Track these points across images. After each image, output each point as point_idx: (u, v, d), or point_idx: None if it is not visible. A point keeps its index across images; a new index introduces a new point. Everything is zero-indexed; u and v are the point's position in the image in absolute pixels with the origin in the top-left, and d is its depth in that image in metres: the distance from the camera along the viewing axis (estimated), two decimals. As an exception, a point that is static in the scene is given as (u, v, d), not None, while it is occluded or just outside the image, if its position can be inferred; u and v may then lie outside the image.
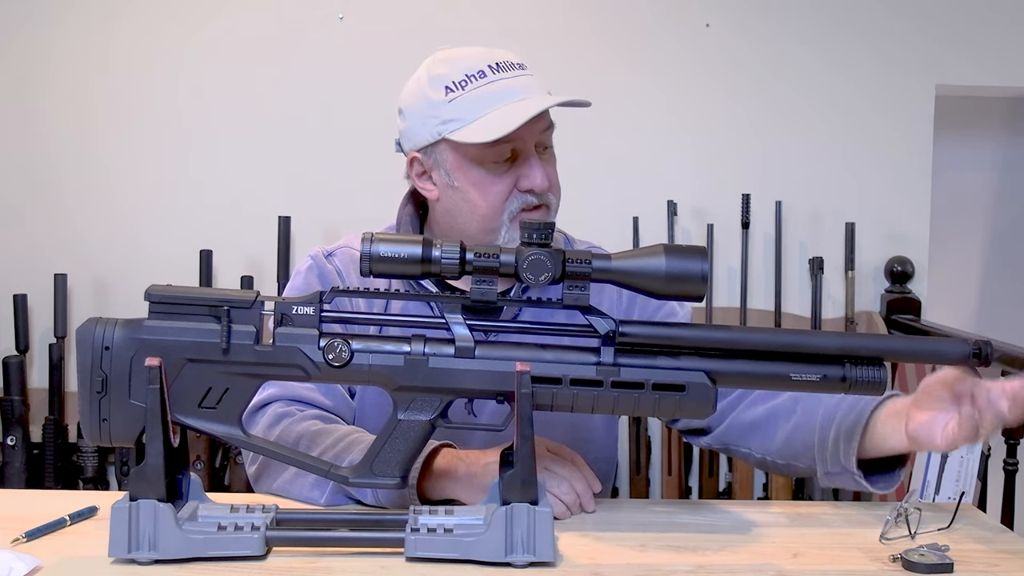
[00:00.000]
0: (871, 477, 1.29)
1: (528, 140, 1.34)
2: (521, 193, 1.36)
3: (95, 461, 2.81)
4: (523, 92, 1.33)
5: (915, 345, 1.19)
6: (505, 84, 1.33)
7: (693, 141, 3.03)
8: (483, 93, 1.32)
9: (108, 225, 2.96)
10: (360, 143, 2.91)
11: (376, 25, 2.97)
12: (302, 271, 1.46)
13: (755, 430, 1.39)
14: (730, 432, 1.42)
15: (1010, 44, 3.05)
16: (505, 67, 1.34)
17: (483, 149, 1.33)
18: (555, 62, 2.95)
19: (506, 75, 1.34)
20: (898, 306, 2.98)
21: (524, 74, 1.36)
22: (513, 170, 1.35)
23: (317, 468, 1.14)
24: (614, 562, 1.09)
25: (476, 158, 1.34)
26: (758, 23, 3.02)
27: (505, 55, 1.37)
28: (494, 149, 1.33)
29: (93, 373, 1.08)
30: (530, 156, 1.35)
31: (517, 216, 1.36)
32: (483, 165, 1.35)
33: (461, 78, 1.33)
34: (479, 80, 1.33)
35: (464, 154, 1.35)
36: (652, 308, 1.47)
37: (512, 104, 1.31)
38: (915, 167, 3.04)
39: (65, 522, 1.18)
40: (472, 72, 1.33)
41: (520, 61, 1.37)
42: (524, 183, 1.35)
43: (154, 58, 2.95)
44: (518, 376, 1.06)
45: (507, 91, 1.32)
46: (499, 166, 1.35)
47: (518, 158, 1.35)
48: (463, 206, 1.38)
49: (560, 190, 1.41)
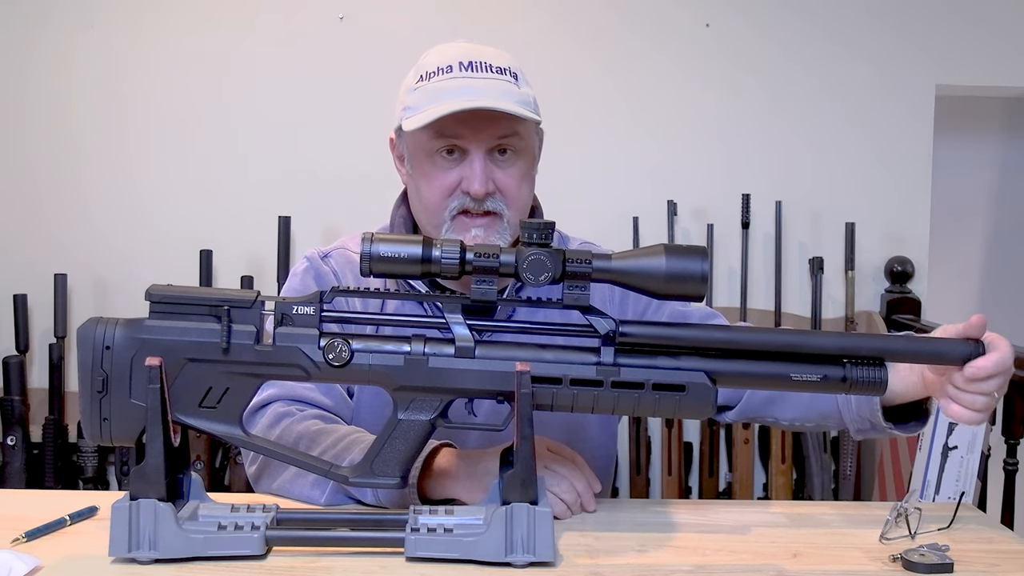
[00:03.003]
0: (900, 425, 1.31)
1: (477, 142, 1.33)
2: (462, 194, 1.35)
3: (95, 461, 2.82)
4: (477, 93, 1.31)
5: (915, 345, 1.18)
6: (466, 83, 1.32)
7: (693, 141, 3.03)
8: (440, 87, 1.32)
9: (108, 225, 2.97)
10: (360, 143, 2.91)
11: (376, 25, 2.97)
12: (298, 272, 1.46)
13: (774, 402, 1.41)
14: (750, 406, 1.43)
15: (1010, 44, 3.05)
16: (477, 67, 1.33)
17: (428, 140, 1.34)
18: (555, 62, 2.95)
19: (472, 74, 1.33)
20: (898, 306, 2.98)
21: (495, 78, 1.33)
22: (458, 169, 1.35)
23: (317, 468, 1.14)
24: (614, 562, 1.09)
25: (425, 149, 1.35)
26: (758, 23, 3.02)
27: (489, 57, 1.35)
28: (435, 142, 1.33)
29: (94, 373, 1.08)
30: (475, 159, 1.33)
31: (458, 216, 1.35)
32: (431, 157, 1.35)
33: (432, 70, 1.34)
34: (444, 74, 1.33)
35: (416, 142, 1.36)
36: (643, 305, 1.47)
37: (457, 100, 1.30)
38: (915, 167, 3.04)
39: (65, 522, 1.18)
40: (443, 66, 1.34)
41: (506, 66, 1.35)
42: (464, 184, 1.34)
43: (154, 59, 2.96)
44: (518, 376, 1.06)
45: (462, 89, 1.31)
46: (445, 161, 1.35)
47: (466, 158, 1.34)
48: (415, 195, 1.40)
49: (520, 199, 1.37)
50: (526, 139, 1.37)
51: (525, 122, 1.35)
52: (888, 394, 1.25)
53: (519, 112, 1.31)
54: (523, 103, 1.33)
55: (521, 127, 1.35)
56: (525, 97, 1.35)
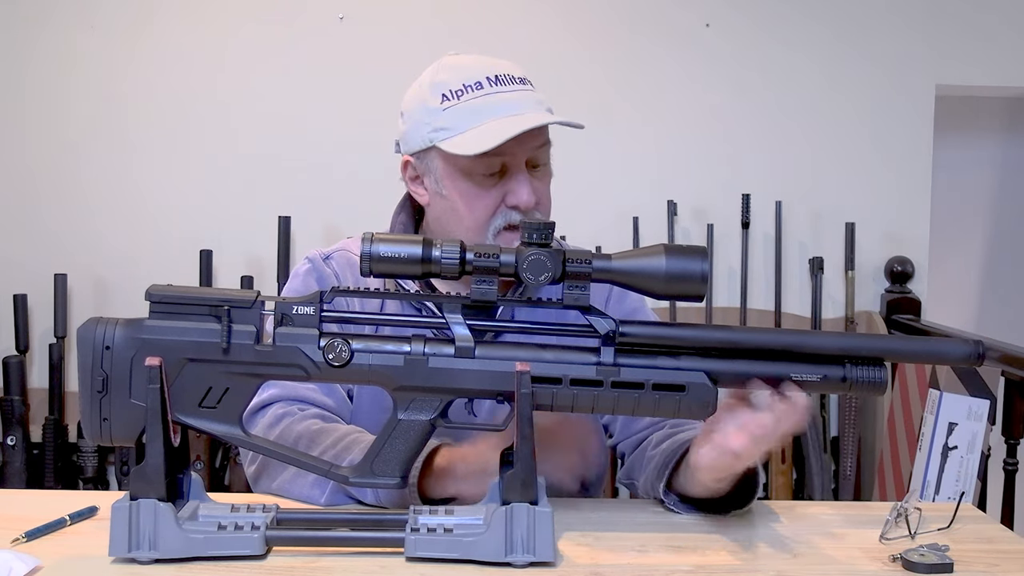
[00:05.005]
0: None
1: (519, 156, 1.33)
2: (508, 209, 1.34)
3: (95, 461, 2.82)
4: (517, 107, 1.31)
5: (915, 345, 1.18)
6: (500, 98, 1.32)
7: (693, 141, 3.03)
8: (477, 105, 1.31)
9: (108, 225, 2.97)
10: (360, 143, 2.91)
11: (376, 25, 2.97)
12: (300, 274, 1.46)
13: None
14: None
15: (1010, 44, 3.05)
16: (504, 80, 1.33)
17: (472, 161, 1.32)
18: (555, 62, 2.95)
19: (502, 88, 1.33)
20: (898, 306, 2.98)
21: (522, 89, 1.34)
22: (501, 185, 1.34)
23: (317, 468, 1.14)
24: (614, 562, 1.09)
25: (465, 169, 1.33)
26: (758, 23, 3.02)
27: (507, 68, 1.36)
28: (482, 162, 1.32)
29: (94, 373, 1.08)
30: (519, 172, 1.33)
31: (502, 232, 1.35)
32: (471, 177, 1.34)
33: (458, 87, 1.32)
34: (475, 91, 1.32)
35: (454, 164, 1.34)
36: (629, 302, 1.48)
37: (503, 119, 1.30)
38: (915, 167, 3.04)
39: (65, 522, 1.18)
40: (469, 83, 1.32)
41: (522, 75, 1.36)
42: (511, 199, 1.34)
43: (154, 59, 2.96)
44: (518, 376, 1.06)
45: (501, 105, 1.31)
46: (487, 179, 1.34)
47: (507, 173, 1.34)
48: (450, 215, 1.38)
49: (550, 209, 1.39)
50: (550, 148, 1.39)
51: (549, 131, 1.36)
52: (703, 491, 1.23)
53: (568, 122, 1.31)
54: (551, 111, 1.35)
55: (548, 136, 1.36)
56: (549, 104, 1.36)
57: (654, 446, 1.35)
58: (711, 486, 1.21)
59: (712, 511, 1.26)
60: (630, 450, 1.43)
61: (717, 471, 1.16)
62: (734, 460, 1.13)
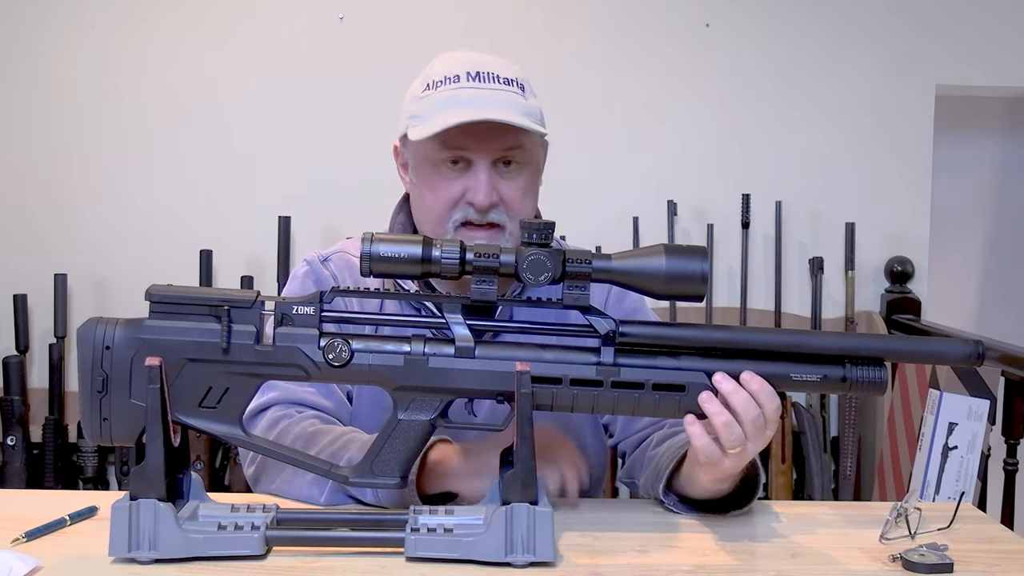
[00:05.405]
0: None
1: (482, 153, 1.32)
2: (466, 205, 1.34)
3: (95, 461, 2.82)
4: (485, 104, 1.30)
5: (916, 345, 1.18)
6: (472, 93, 1.31)
7: (693, 141, 3.03)
8: (447, 96, 1.32)
9: (108, 225, 2.97)
10: (360, 143, 2.91)
11: (376, 25, 2.97)
12: (299, 275, 1.46)
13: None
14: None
15: (1010, 44, 3.05)
16: (484, 77, 1.33)
17: (433, 150, 1.33)
18: (555, 62, 2.95)
19: (479, 85, 1.32)
20: (898, 306, 2.98)
21: (502, 88, 1.33)
22: (463, 179, 1.34)
23: (317, 467, 1.14)
24: (614, 562, 1.09)
25: (430, 158, 1.34)
26: (758, 23, 3.02)
27: (497, 67, 1.34)
28: (440, 153, 1.33)
29: (94, 373, 1.08)
30: (480, 170, 1.33)
31: (461, 227, 1.34)
32: (436, 167, 1.34)
33: (440, 79, 1.33)
34: (451, 84, 1.32)
35: (422, 152, 1.35)
36: (629, 302, 1.48)
37: (464, 111, 1.29)
38: (915, 167, 3.04)
39: (65, 522, 1.18)
40: (450, 75, 1.33)
41: (513, 77, 1.34)
42: (468, 195, 1.34)
43: (153, 60, 2.96)
44: (518, 376, 1.06)
45: (469, 100, 1.31)
46: (451, 171, 1.34)
47: (471, 169, 1.34)
48: (419, 204, 1.40)
49: (523, 211, 1.37)
50: (531, 151, 1.37)
51: (530, 134, 1.35)
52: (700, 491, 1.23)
53: (524, 124, 1.30)
54: (529, 114, 1.33)
55: (526, 139, 1.35)
56: (531, 108, 1.34)
57: (655, 445, 1.35)
58: (711, 487, 1.21)
59: (712, 511, 1.26)
60: (631, 450, 1.43)
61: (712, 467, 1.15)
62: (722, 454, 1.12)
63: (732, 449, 1.11)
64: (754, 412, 1.10)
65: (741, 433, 1.10)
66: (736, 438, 1.10)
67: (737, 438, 1.10)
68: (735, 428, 1.10)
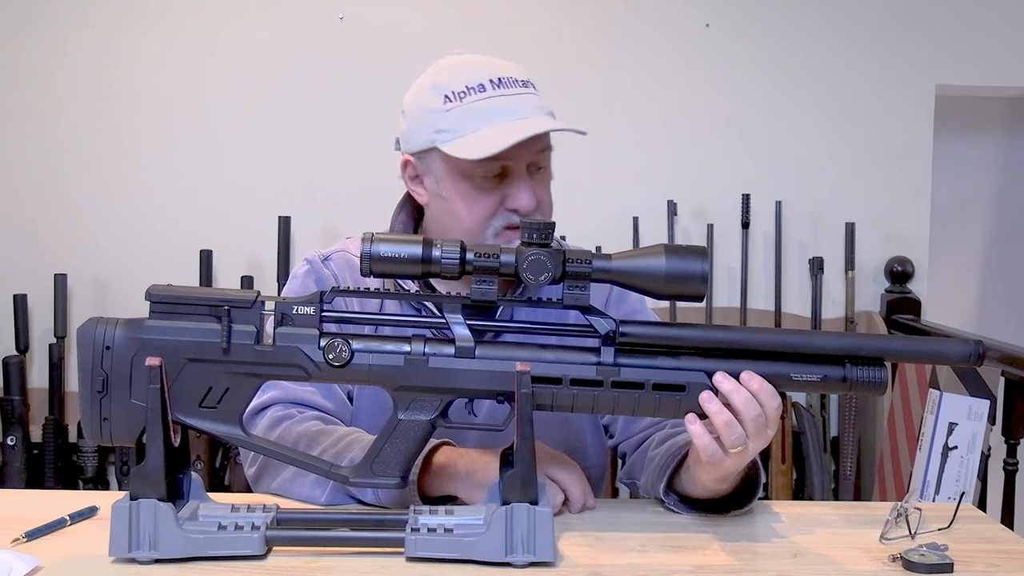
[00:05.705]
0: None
1: (520, 160, 1.32)
2: (507, 211, 1.34)
3: (95, 461, 2.82)
4: (520, 112, 1.30)
5: (916, 345, 1.18)
6: (503, 101, 1.31)
7: (693, 141, 3.03)
8: (479, 108, 1.30)
9: (108, 225, 2.97)
10: (360, 143, 2.92)
11: (376, 25, 2.97)
12: (299, 275, 1.46)
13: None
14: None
15: (1010, 44, 3.05)
16: (507, 83, 1.32)
17: (472, 164, 1.31)
18: (555, 62, 2.95)
19: (505, 91, 1.32)
20: (898, 306, 2.98)
21: (525, 92, 1.33)
22: (501, 187, 1.33)
23: (318, 468, 1.14)
24: (614, 562, 1.09)
25: (465, 171, 1.33)
26: (758, 23, 3.02)
27: (511, 70, 1.35)
28: (483, 165, 1.31)
29: (94, 373, 1.08)
30: (520, 177, 1.33)
31: (502, 233, 1.34)
32: (471, 179, 1.33)
33: (461, 89, 1.31)
34: (477, 94, 1.31)
35: (454, 165, 1.33)
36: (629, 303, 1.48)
37: (506, 123, 1.29)
38: (915, 167, 3.04)
39: (65, 522, 1.18)
40: (472, 84, 1.31)
41: (525, 78, 1.35)
42: (511, 202, 1.33)
43: (154, 60, 2.96)
44: (518, 376, 1.06)
45: (503, 109, 1.30)
46: (488, 181, 1.33)
47: (508, 177, 1.33)
48: (449, 216, 1.37)
49: (550, 211, 1.39)
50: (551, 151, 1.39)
51: (551, 136, 1.36)
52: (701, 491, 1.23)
53: (579, 129, 1.31)
54: (556, 116, 1.34)
55: (549, 141, 1.36)
56: (550, 109, 1.35)
57: (656, 446, 1.35)
58: (712, 487, 1.21)
59: (712, 511, 1.26)
60: (631, 450, 1.43)
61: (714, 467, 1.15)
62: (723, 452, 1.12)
63: (734, 448, 1.11)
64: (755, 411, 1.10)
65: (743, 432, 1.10)
66: (738, 437, 1.10)
67: (739, 437, 1.10)
68: (736, 427, 1.10)
